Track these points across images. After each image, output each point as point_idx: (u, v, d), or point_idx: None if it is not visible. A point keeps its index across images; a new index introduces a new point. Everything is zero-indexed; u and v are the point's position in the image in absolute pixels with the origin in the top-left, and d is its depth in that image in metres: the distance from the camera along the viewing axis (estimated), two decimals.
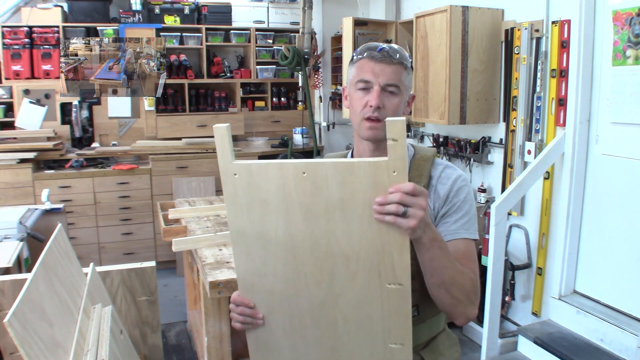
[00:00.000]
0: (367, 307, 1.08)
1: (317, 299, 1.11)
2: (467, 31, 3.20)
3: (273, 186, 1.04)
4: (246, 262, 1.13)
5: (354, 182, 1.00)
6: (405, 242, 1.01)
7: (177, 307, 3.91)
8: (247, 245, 1.11)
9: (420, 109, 3.54)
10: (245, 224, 1.09)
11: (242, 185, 1.06)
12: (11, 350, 1.99)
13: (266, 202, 1.06)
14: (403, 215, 0.97)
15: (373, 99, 1.25)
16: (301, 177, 1.02)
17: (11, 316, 1.22)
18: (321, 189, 1.02)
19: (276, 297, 1.14)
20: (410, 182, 0.98)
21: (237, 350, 2.37)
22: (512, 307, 3.30)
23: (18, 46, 4.43)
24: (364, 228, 1.02)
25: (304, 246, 1.07)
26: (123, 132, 4.85)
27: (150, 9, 4.74)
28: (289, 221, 1.06)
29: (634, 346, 2.39)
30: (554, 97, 2.90)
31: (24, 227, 2.70)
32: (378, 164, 0.98)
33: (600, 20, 2.67)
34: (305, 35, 4.69)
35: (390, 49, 1.27)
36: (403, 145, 0.96)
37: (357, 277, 1.06)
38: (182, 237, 2.59)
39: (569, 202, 2.83)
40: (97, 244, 4.45)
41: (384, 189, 0.99)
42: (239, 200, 1.08)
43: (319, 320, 1.13)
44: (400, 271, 1.03)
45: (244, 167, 1.05)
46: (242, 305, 1.17)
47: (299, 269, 1.09)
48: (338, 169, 1.00)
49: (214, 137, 1.06)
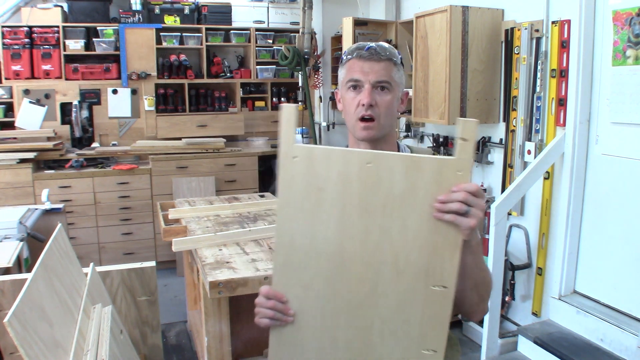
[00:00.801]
0: (407, 310, 1.06)
1: (357, 298, 1.07)
2: (467, 31, 3.20)
3: (334, 174, 1.01)
4: (288, 252, 1.07)
5: (417, 177, 0.99)
6: (457, 242, 1.01)
7: (177, 307, 3.91)
8: (292, 235, 1.06)
9: (420, 109, 3.54)
10: (296, 213, 1.05)
11: (300, 170, 1.02)
12: (11, 350, 1.99)
13: (323, 190, 1.02)
14: (465, 214, 0.98)
15: (365, 97, 1.25)
16: (365, 167, 1.00)
17: (11, 316, 1.22)
18: (383, 181, 1.00)
19: (312, 294, 1.09)
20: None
21: (237, 350, 2.38)
22: (512, 307, 3.30)
23: (18, 46, 4.43)
24: (419, 225, 1.01)
25: (354, 241, 1.04)
26: (123, 132, 4.85)
27: (150, 9, 4.74)
28: (343, 212, 1.03)
29: (634, 346, 2.39)
30: (554, 97, 2.90)
31: (24, 227, 2.70)
32: (445, 161, 0.99)
33: (600, 20, 2.67)
34: (305, 35, 4.69)
35: (378, 47, 1.27)
36: (472, 146, 0.97)
37: (403, 277, 1.04)
38: (182, 237, 2.59)
39: (569, 202, 2.83)
40: (97, 244, 4.45)
41: (446, 187, 0.99)
42: (294, 186, 1.03)
43: (354, 321, 1.09)
44: (447, 273, 1.02)
45: (306, 150, 1.02)
46: (275, 299, 1.10)
47: (344, 266, 1.06)
48: (405, 163, 1.00)
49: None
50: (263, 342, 2.39)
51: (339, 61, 1.33)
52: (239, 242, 2.51)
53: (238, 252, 2.38)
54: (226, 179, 4.73)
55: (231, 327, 2.24)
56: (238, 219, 2.96)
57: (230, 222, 2.88)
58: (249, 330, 2.44)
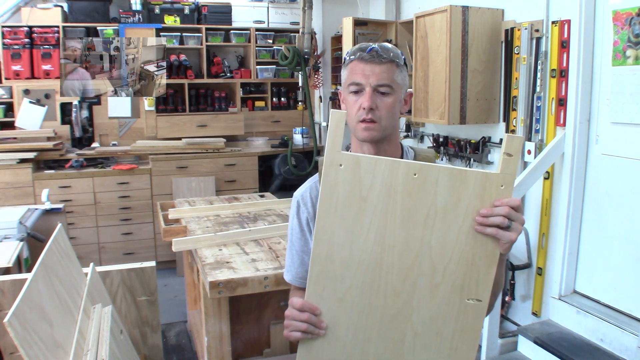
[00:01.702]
0: (440, 323, 1.07)
1: (391, 311, 1.07)
2: (467, 31, 3.20)
3: (378, 183, 1.01)
4: (324, 264, 1.06)
5: (461, 190, 1.00)
6: (495, 256, 1.02)
7: (177, 307, 3.91)
8: (330, 245, 1.05)
9: (420, 109, 3.54)
10: (336, 222, 1.04)
11: (345, 178, 1.02)
12: (11, 350, 1.99)
13: (366, 200, 1.02)
14: (506, 228, 1.00)
15: (365, 100, 1.24)
16: (411, 178, 1.01)
17: (11, 316, 1.22)
18: (428, 193, 1.01)
19: (346, 306, 1.08)
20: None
21: (237, 350, 2.37)
22: (512, 307, 3.30)
23: (18, 46, 4.43)
24: (459, 238, 1.02)
25: (393, 253, 1.04)
26: (123, 132, 4.85)
27: (150, 9, 4.74)
28: (384, 223, 1.03)
29: (634, 346, 2.39)
30: (554, 97, 2.90)
31: (24, 227, 2.70)
32: (489, 175, 1.00)
33: (600, 20, 2.67)
34: (305, 35, 4.69)
35: (381, 48, 1.25)
36: (516, 162, 0.98)
37: (439, 290, 1.05)
38: (182, 237, 2.59)
39: (569, 202, 2.83)
40: (97, 244, 4.45)
41: (488, 201, 1.00)
42: (336, 194, 1.03)
43: (387, 333, 1.08)
44: (483, 286, 1.04)
45: (352, 158, 1.02)
46: (309, 311, 1.08)
47: (381, 277, 1.05)
48: (451, 175, 1.00)
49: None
50: (263, 342, 2.40)
51: (342, 61, 1.32)
52: (239, 242, 2.51)
53: (238, 252, 2.38)
54: (226, 179, 4.73)
55: (231, 327, 2.24)
56: (238, 219, 2.96)
57: (230, 222, 2.88)
58: (249, 330, 2.44)
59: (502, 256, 1.09)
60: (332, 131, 1.00)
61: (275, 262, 2.21)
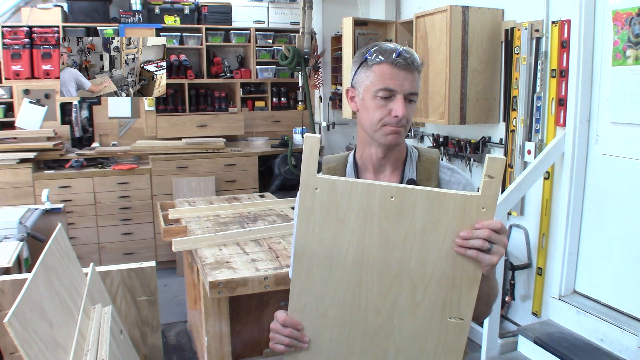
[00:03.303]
0: (422, 340, 1.07)
1: (373, 327, 1.08)
2: (467, 31, 3.20)
3: (355, 206, 1.02)
4: (305, 282, 1.09)
5: (440, 212, 0.99)
6: (477, 277, 1.02)
7: (177, 307, 3.91)
8: (310, 264, 1.07)
9: (420, 109, 3.54)
10: (314, 243, 1.05)
11: (321, 201, 1.03)
12: (11, 350, 1.99)
13: (343, 221, 1.03)
14: (487, 251, 0.99)
15: (400, 109, 1.21)
16: (388, 201, 1.00)
17: (11, 316, 1.22)
18: (405, 215, 1.00)
19: (328, 322, 1.10)
20: (498, 219, 1.00)
21: (237, 350, 2.38)
22: (512, 307, 3.30)
23: (18, 46, 4.43)
24: (439, 259, 1.01)
25: (372, 272, 1.05)
26: (123, 132, 4.85)
27: (150, 9, 4.74)
28: (362, 245, 1.03)
29: (634, 346, 2.39)
30: (554, 97, 2.90)
31: (24, 227, 2.70)
32: (470, 198, 0.98)
33: (600, 20, 2.67)
34: (305, 35, 4.69)
35: (410, 54, 1.22)
36: (498, 184, 0.97)
37: (420, 308, 1.05)
38: (182, 237, 2.59)
39: (569, 202, 2.83)
40: (97, 244, 4.45)
41: (469, 223, 0.99)
42: (313, 217, 1.04)
43: (369, 348, 1.10)
44: (464, 306, 1.03)
45: (328, 182, 1.03)
46: (292, 326, 1.12)
47: (361, 296, 1.06)
48: (428, 198, 0.99)
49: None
50: (263, 342, 2.40)
51: (363, 61, 1.25)
52: (239, 242, 2.51)
53: (238, 252, 2.38)
54: (226, 179, 4.73)
55: (231, 327, 2.24)
56: (238, 219, 2.96)
57: (230, 222, 2.88)
58: (249, 330, 2.44)
59: (489, 275, 1.09)
60: (307, 155, 1.02)
61: (275, 262, 2.21)
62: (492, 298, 1.24)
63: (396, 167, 1.33)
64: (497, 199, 1.00)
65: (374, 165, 1.33)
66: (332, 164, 1.39)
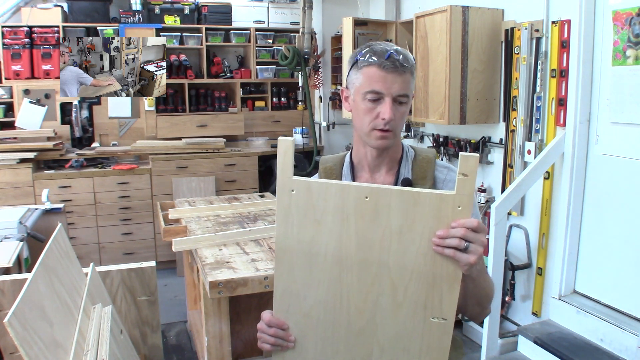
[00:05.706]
0: (406, 340, 1.07)
1: (356, 327, 1.09)
2: (467, 31, 3.20)
3: (331, 207, 1.03)
4: (287, 282, 1.10)
5: (416, 212, 0.99)
6: (457, 276, 1.01)
7: (177, 307, 3.91)
8: (291, 265, 1.08)
9: (420, 109, 3.54)
10: (293, 243, 1.07)
11: (298, 203, 1.04)
12: (11, 350, 1.99)
13: (320, 222, 1.04)
14: (464, 250, 0.98)
15: (386, 112, 1.21)
16: (363, 201, 1.01)
17: (11, 316, 1.22)
18: (381, 215, 1.01)
19: (312, 321, 1.12)
20: (474, 218, 0.99)
21: (237, 350, 2.38)
22: (512, 307, 3.30)
23: (18, 46, 4.43)
24: (418, 259, 1.01)
25: (352, 273, 1.05)
26: (123, 132, 4.85)
27: (150, 9, 4.74)
28: (340, 245, 1.04)
29: (634, 346, 2.39)
30: (554, 97, 2.90)
31: (24, 227, 2.70)
32: (444, 197, 0.98)
33: (600, 20, 2.67)
34: (305, 35, 4.69)
35: (401, 56, 1.21)
36: (472, 182, 0.96)
37: (402, 309, 1.05)
38: (182, 237, 2.59)
39: (569, 202, 2.83)
40: (97, 244, 4.45)
41: (445, 222, 0.99)
42: (291, 218, 1.05)
43: (354, 348, 1.11)
44: (447, 306, 1.03)
45: (303, 184, 1.03)
46: (276, 326, 1.14)
47: (342, 295, 1.07)
48: (403, 198, 0.99)
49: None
50: None
51: (354, 62, 1.26)
52: (239, 242, 2.51)
53: (238, 252, 2.38)
54: (226, 179, 4.73)
55: (231, 327, 2.24)
56: (238, 219, 2.96)
57: (230, 222, 2.88)
58: (249, 330, 2.44)
59: (472, 275, 1.08)
60: (282, 158, 1.02)
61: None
62: (485, 298, 1.22)
63: (392, 166, 1.34)
64: (473, 196, 0.99)
65: (369, 165, 1.34)
66: (329, 164, 1.39)
